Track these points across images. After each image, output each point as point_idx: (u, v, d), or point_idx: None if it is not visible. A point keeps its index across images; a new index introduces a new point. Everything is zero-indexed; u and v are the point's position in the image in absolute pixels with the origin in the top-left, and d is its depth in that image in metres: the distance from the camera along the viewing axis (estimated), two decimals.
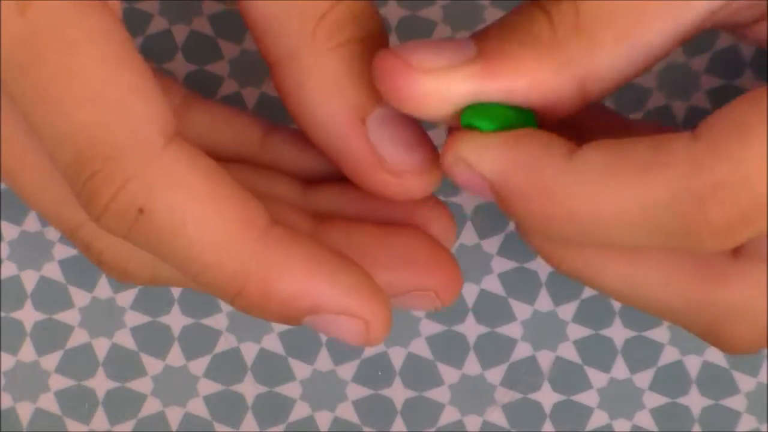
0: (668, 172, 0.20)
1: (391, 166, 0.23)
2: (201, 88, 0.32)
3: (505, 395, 0.31)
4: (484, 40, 0.22)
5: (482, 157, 0.22)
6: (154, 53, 0.33)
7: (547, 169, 0.21)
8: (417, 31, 0.32)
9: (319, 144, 0.24)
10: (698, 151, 0.20)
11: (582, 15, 0.21)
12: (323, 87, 0.23)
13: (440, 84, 0.21)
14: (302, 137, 0.25)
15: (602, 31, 0.21)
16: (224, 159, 0.25)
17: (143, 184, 0.20)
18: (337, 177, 0.25)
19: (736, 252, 0.23)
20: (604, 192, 0.20)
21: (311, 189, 0.26)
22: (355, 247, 0.24)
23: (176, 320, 0.31)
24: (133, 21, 0.33)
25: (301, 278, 0.21)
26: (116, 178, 0.20)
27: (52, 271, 0.32)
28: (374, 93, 0.23)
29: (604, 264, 0.24)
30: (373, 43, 0.23)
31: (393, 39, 0.33)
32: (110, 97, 0.20)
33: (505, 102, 0.22)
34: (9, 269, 0.32)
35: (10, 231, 0.32)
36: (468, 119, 0.22)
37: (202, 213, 0.20)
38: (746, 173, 0.19)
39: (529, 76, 0.21)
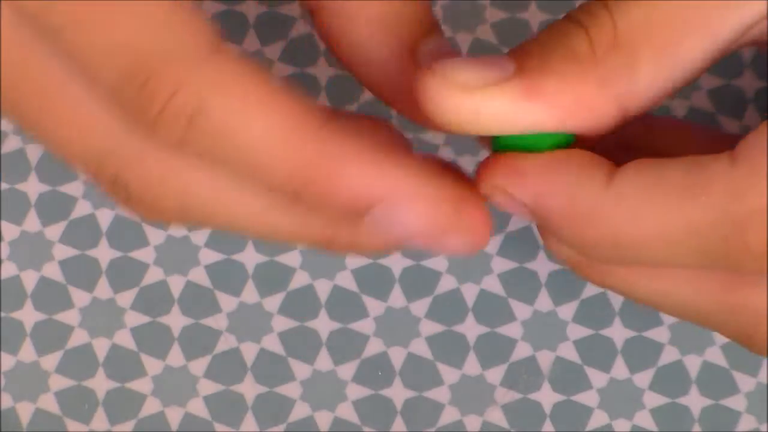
0: (709, 197, 0.20)
1: None
2: None
3: (505, 395, 0.31)
4: (523, 57, 0.21)
5: (518, 184, 0.21)
6: None
7: (586, 194, 0.21)
8: None
9: (371, 83, 0.23)
10: (737, 177, 0.20)
11: (619, 30, 0.21)
12: (372, 23, 0.23)
13: (478, 101, 0.21)
14: None
15: (640, 47, 0.21)
16: None
17: (195, 88, 0.20)
18: None
19: None
20: (646, 217, 0.21)
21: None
22: None
23: (176, 320, 0.32)
24: None
25: (367, 167, 0.20)
26: (168, 85, 0.20)
27: (52, 271, 0.32)
28: (422, 24, 0.23)
29: (637, 279, 0.24)
30: None
31: None
32: (155, 12, 0.20)
33: (545, 122, 0.21)
34: (9, 269, 0.32)
35: (10, 231, 0.32)
36: (502, 142, 0.22)
37: (257, 111, 0.20)
38: None
39: (572, 93, 0.21)
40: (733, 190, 0.20)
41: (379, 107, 0.32)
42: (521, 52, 0.22)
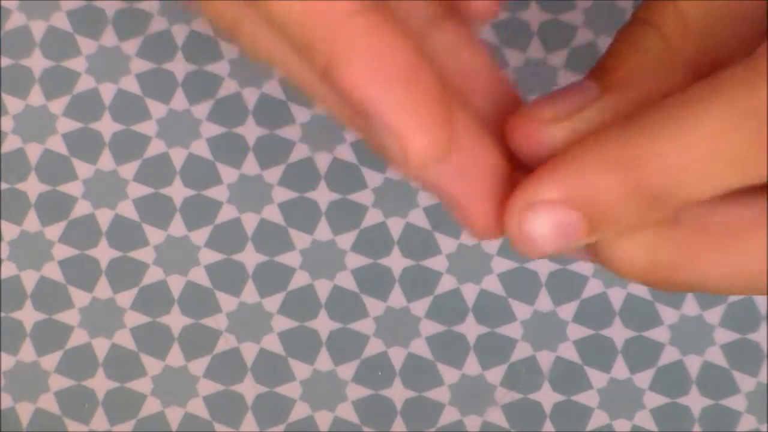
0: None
1: None
2: (201, 88, 0.32)
3: (505, 395, 0.31)
4: (604, 76, 0.22)
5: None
6: (154, 53, 0.33)
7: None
8: None
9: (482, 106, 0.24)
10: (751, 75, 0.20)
11: (686, 15, 0.21)
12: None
13: (570, 130, 0.21)
14: None
15: (708, 28, 0.21)
16: None
17: None
18: None
19: None
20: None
21: None
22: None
23: (176, 320, 0.32)
24: (133, 21, 0.33)
25: (365, 69, 0.20)
26: None
27: (52, 271, 0.32)
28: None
29: (708, 258, 0.24)
30: None
31: None
32: None
33: None
34: (9, 269, 0.32)
35: (10, 231, 0.32)
36: None
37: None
38: None
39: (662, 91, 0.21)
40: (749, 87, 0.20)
41: None
42: (600, 71, 0.22)
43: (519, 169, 0.22)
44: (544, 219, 0.21)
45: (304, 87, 0.24)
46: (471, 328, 0.31)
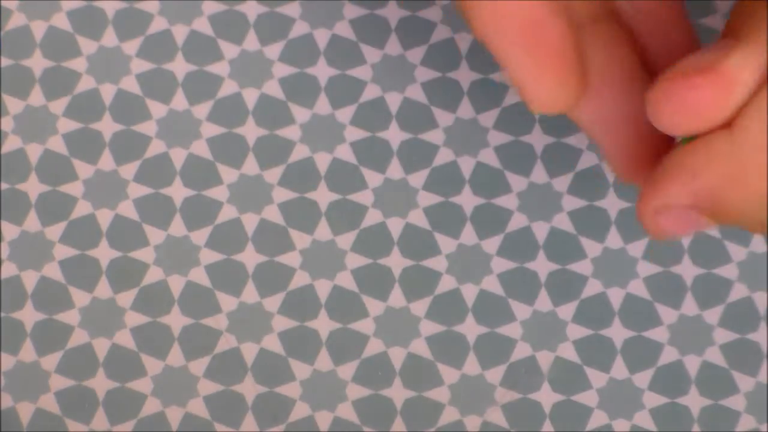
0: None
1: None
2: (201, 88, 0.32)
3: (504, 395, 0.31)
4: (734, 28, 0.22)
5: None
6: (154, 53, 0.33)
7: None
8: (417, 32, 0.32)
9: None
10: None
11: None
12: None
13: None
14: None
15: None
16: None
17: None
18: None
19: None
20: None
21: None
22: None
23: (176, 320, 0.32)
24: (133, 21, 0.33)
25: (491, 18, 0.21)
26: None
27: (52, 271, 0.32)
28: None
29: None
30: None
31: (393, 40, 0.33)
32: None
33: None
34: (9, 269, 0.32)
35: (11, 231, 0.32)
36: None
37: None
38: None
39: None
40: None
41: (379, 108, 0.33)
42: (730, 28, 0.22)
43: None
44: (677, 218, 0.22)
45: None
46: (471, 328, 0.31)
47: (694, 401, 0.31)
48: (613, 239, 0.32)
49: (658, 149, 0.24)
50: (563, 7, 0.21)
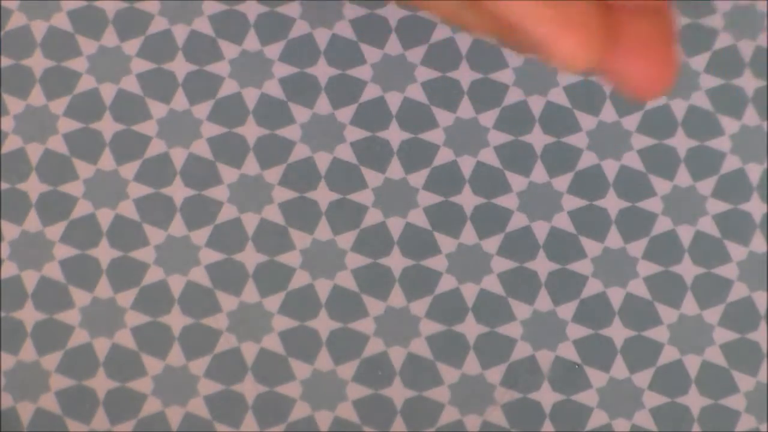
0: None
1: None
2: (201, 88, 0.32)
3: (504, 395, 0.31)
4: None
5: None
6: (154, 53, 0.33)
7: None
8: (417, 32, 0.33)
9: None
10: None
11: None
12: None
13: None
14: None
15: None
16: None
17: None
18: None
19: None
20: None
21: None
22: None
23: (176, 320, 0.32)
24: (133, 21, 0.33)
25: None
26: None
27: (53, 270, 0.32)
28: None
29: None
30: None
31: (393, 40, 0.33)
32: None
33: None
34: (9, 269, 0.32)
35: (11, 231, 0.32)
36: None
37: None
38: None
39: None
40: None
41: (379, 108, 0.33)
42: None
43: None
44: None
45: (451, 18, 0.24)
46: (471, 328, 0.31)
47: (694, 401, 0.31)
48: (613, 239, 0.32)
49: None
50: None
